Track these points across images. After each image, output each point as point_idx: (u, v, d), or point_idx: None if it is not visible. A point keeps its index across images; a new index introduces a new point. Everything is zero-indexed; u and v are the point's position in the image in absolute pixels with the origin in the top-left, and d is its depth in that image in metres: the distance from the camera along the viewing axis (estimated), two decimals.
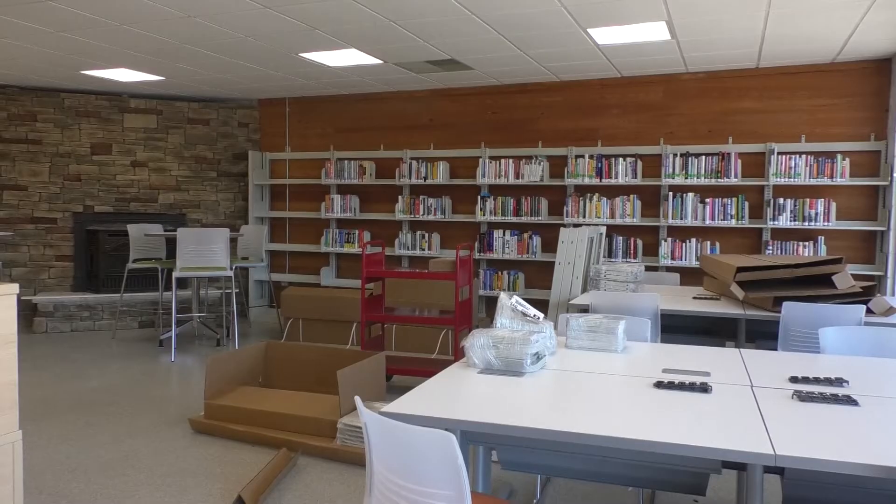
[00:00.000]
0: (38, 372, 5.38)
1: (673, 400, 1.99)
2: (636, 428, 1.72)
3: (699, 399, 2.00)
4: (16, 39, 5.36)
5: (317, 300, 6.51)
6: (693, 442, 1.62)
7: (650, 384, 2.17)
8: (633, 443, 1.65)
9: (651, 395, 2.05)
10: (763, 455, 1.55)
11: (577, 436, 1.70)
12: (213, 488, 3.19)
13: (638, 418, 1.80)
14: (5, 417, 1.82)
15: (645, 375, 2.30)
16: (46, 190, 7.49)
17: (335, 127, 7.83)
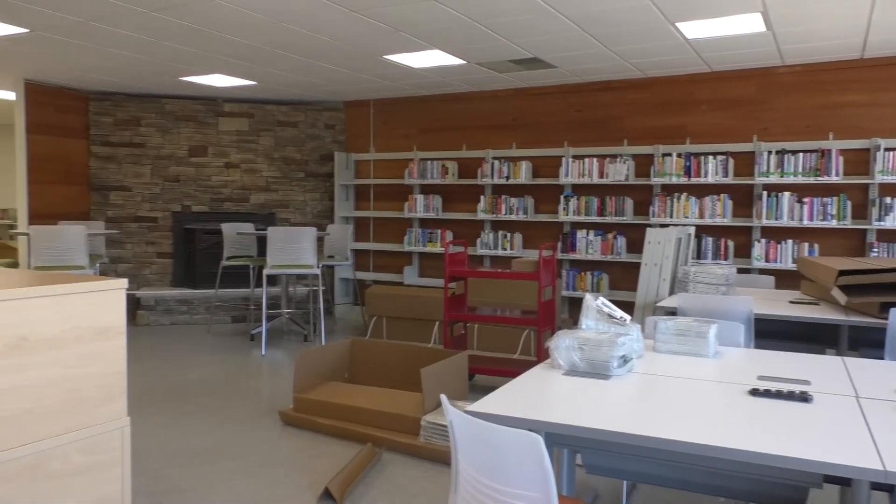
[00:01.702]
0: (141, 362, 5.70)
1: (770, 409, 1.90)
2: (730, 437, 1.66)
3: (799, 409, 1.91)
4: (123, 49, 5.69)
5: (400, 299, 6.60)
6: (793, 454, 1.55)
7: (745, 391, 2.09)
8: (727, 452, 1.59)
9: (746, 402, 1.97)
10: (871, 470, 1.46)
11: (667, 442, 1.66)
12: (302, 479, 3.29)
13: (732, 426, 1.74)
14: (115, 405, 1.94)
15: (739, 382, 2.21)
16: (149, 190, 7.92)
17: (418, 127, 7.92)
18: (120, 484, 1.95)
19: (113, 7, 4.51)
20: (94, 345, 1.87)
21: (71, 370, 1.82)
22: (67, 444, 1.80)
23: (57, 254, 5.67)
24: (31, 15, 4.71)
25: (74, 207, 7.71)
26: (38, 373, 1.74)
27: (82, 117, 7.75)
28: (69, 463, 1.81)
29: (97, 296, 1.87)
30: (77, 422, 1.83)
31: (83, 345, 1.85)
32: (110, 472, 1.92)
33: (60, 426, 1.79)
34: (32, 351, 1.73)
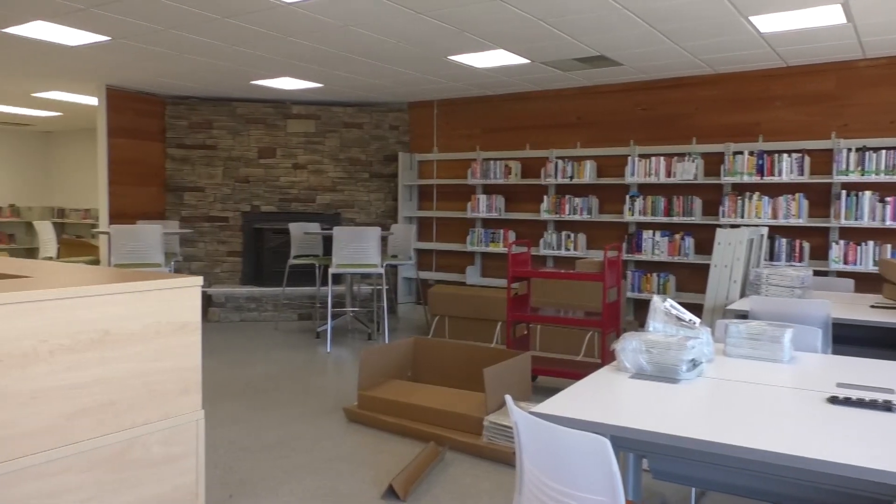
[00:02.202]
0: (212, 358, 5.90)
1: (851, 417, 1.82)
2: (808, 445, 1.60)
3: (882, 418, 1.82)
4: (198, 55, 5.91)
5: (462, 298, 6.62)
6: (876, 465, 1.48)
7: (823, 399, 2.01)
8: (804, 461, 1.54)
9: (824, 410, 1.89)
10: None
11: (739, 449, 1.61)
12: (366, 475, 3.34)
13: (809, 435, 1.67)
14: (190, 398, 2.02)
15: (816, 389, 2.13)
16: (220, 191, 8.19)
17: (481, 127, 7.92)
18: (195, 474, 2.02)
19: (189, 15, 4.68)
20: (172, 340, 1.95)
21: (150, 364, 1.90)
22: (147, 435, 1.89)
23: (135, 252, 5.93)
24: (113, 24, 4.94)
25: (151, 207, 8.04)
26: (121, 366, 1.83)
27: (159, 121, 8.08)
28: (149, 452, 1.89)
29: (175, 293, 1.95)
30: (156, 413, 1.91)
31: (161, 340, 1.93)
32: (186, 463, 1.99)
33: (141, 417, 1.87)
34: (115, 345, 1.81)
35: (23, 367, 1.61)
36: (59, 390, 1.69)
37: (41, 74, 6.94)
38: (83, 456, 1.74)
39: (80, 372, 1.73)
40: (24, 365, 1.61)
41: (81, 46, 5.62)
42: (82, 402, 1.74)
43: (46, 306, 1.65)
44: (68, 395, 1.71)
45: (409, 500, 3.07)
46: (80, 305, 1.72)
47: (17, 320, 1.59)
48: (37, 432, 1.64)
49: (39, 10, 4.63)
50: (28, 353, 1.62)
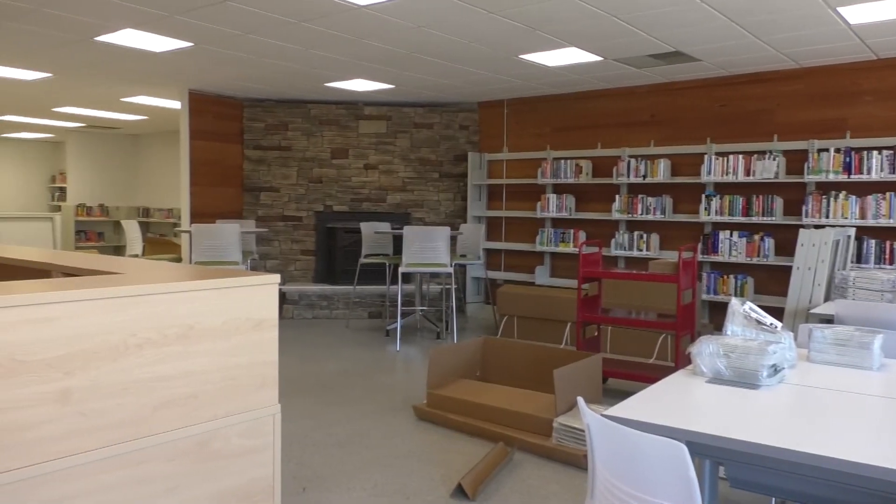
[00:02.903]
0: (286, 354, 6.06)
1: None
2: None
3: None
4: (275, 59, 6.08)
5: (532, 298, 6.58)
6: None
7: None
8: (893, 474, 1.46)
9: None
10: None
11: (823, 459, 1.54)
12: (435, 474, 3.36)
13: None
14: (268, 392, 2.08)
15: None
16: (294, 191, 8.41)
17: (552, 126, 7.84)
18: (271, 467, 2.08)
19: (267, 19, 4.82)
20: (250, 336, 2.02)
21: (230, 359, 1.97)
22: (227, 427, 1.95)
23: (214, 250, 6.15)
24: (195, 30, 5.14)
25: (229, 207, 8.33)
26: (203, 360, 1.90)
27: (237, 123, 8.35)
28: (228, 444, 1.96)
29: (254, 290, 2.01)
30: (235, 407, 1.98)
31: (240, 336, 1.99)
32: (263, 455, 2.06)
33: (221, 410, 1.94)
34: (198, 340, 1.88)
35: (114, 360, 1.70)
36: (146, 382, 1.77)
37: (129, 80, 7.29)
38: (168, 446, 1.82)
39: (166, 365, 1.81)
40: (114, 357, 1.70)
41: (166, 52, 5.87)
42: (167, 394, 1.82)
43: (136, 302, 1.73)
44: (155, 388, 1.79)
45: (478, 500, 3.07)
46: (167, 301, 1.80)
47: (110, 315, 1.68)
48: (126, 422, 1.73)
49: (129, 18, 4.87)
50: (119, 346, 1.71)
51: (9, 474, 1.51)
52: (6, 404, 1.51)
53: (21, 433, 1.53)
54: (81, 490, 1.65)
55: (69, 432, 1.61)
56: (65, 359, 1.61)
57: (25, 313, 1.53)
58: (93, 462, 1.66)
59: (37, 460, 1.56)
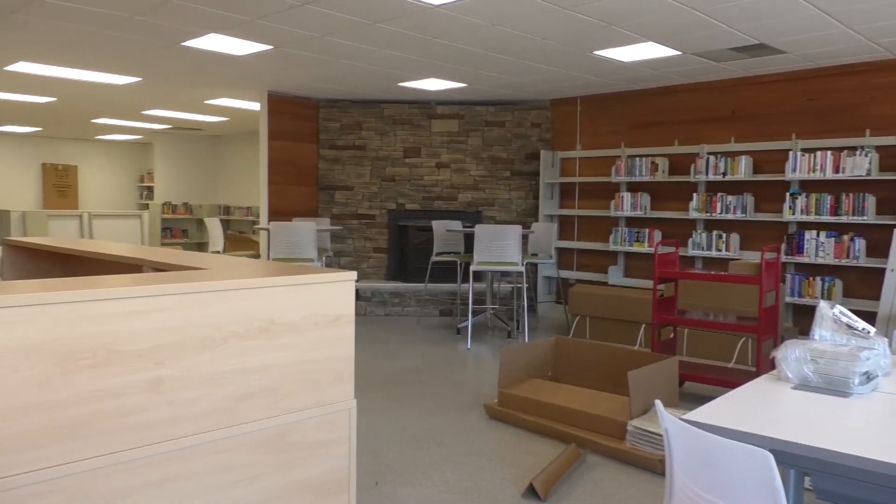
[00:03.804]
0: (358, 350, 6.18)
1: None
2: None
3: None
4: (350, 60, 6.20)
5: (604, 298, 6.47)
6: None
7: None
8: None
9: None
10: None
11: None
12: (506, 473, 3.35)
13: None
14: (344, 387, 2.12)
15: None
16: (368, 190, 8.55)
17: (627, 123, 7.69)
18: (347, 460, 2.13)
19: (344, 21, 4.92)
20: (328, 331, 2.06)
21: (308, 353, 2.02)
22: (305, 420, 2.01)
23: (290, 247, 6.32)
24: (275, 33, 5.29)
25: (305, 205, 8.54)
26: (282, 354, 1.96)
27: (313, 123, 8.55)
28: (306, 437, 2.01)
29: (331, 286, 2.06)
30: (313, 400, 2.03)
31: (318, 331, 2.04)
32: (339, 448, 2.10)
33: (299, 403, 2.00)
34: (278, 334, 1.94)
35: (200, 352, 1.77)
36: (230, 374, 1.84)
37: (212, 83, 7.58)
38: (249, 436, 1.89)
39: (249, 358, 1.87)
40: (201, 350, 1.77)
41: (247, 55, 6.07)
42: (249, 386, 1.88)
43: (222, 297, 1.80)
44: (238, 380, 1.85)
45: (550, 501, 3.05)
46: (251, 297, 1.86)
47: (198, 308, 1.75)
48: (211, 412, 1.80)
49: (213, 24, 5.06)
50: (205, 339, 1.78)
51: (108, 457, 1.60)
52: (104, 392, 1.59)
53: (118, 419, 1.61)
54: (173, 475, 1.72)
55: (160, 420, 1.69)
56: (156, 350, 1.68)
57: (122, 306, 1.62)
58: (182, 449, 1.74)
59: (133, 445, 1.64)
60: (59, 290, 1.55)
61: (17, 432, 1.46)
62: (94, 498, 1.59)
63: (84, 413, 1.56)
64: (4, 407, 1.44)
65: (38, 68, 6.81)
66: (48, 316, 1.50)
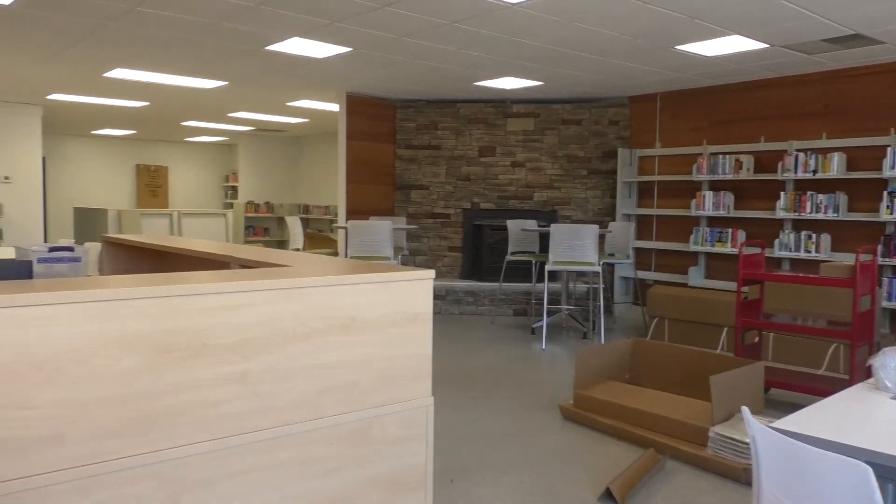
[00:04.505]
0: (434, 348, 6.22)
1: None
2: None
3: None
4: (427, 60, 6.25)
5: (685, 300, 6.29)
6: None
7: None
8: None
9: None
10: None
11: None
12: (582, 476, 3.31)
13: None
14: (422, 384, 2.14)
15: None
16: (443, 189, 8.60)
17: (709, 120, 7.44)
18: (424, 456, 2.15)
19: (421, 22, 4.97)
20: (406, 329, 2.09)
21: (388, 350, 2.05)
22: (384, 416, 2.04)
23: (368, 245, 6.43)
24: (354, 36, 5.40)
25: (382, 204, 8.67)
26: (363, 350, 1.99)
27: (390, 124, 8.67)
28: (385, 432, 2.04)
29: (410, 285, 2.08)
30: (391, 396, 2.06)
31: (397, 328, 2.07)
32: (417, 445, 2.13)
33: (379, 399, 2.03)
34: (359, 331, 1.98)
35: (284, 347, 1.82)
36: (312, 369, 1.88)
37: (293, 85, 7.80)
38: (330, 430, 1.93)
39: (330, 354, 1.92)
40: (285, 344, 1.83)
41: (327, 58, 6.21)
42: (330, 381, 1.93)
43: (305, 293, 1.85)
44: (319, 374, 1.90)
45: None
46: (332, 293, 1.91)
47: (281, 304, 1.81)
48: (294, 405, 1.85)
49: (296, 28, 5.20)
50: (288, 333, 1.83)
51: (198, 445, 1.67)
52: (195, 383, 1.67)
53: (208, 409, 1.69)
54: (259, 464, 1.79)
55: (247, 411, 1.76)
56: (243, 343, 1.75)
57: (213, 301, 1.69)
58: (267, 440, 1.80)
59: (221, 435, 1.71)
60: (155, 285, 1.63)
61: (117, 419, 1.55)
62: (185, 483, 1.66)
63: (178, 403, 1.64)
64: (107, 395, 1.53)
65: (134, 74, 7.18)
66: (146, 310, 1.59)
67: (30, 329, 1.43)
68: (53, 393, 1.46)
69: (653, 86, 7.44)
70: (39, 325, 1.44)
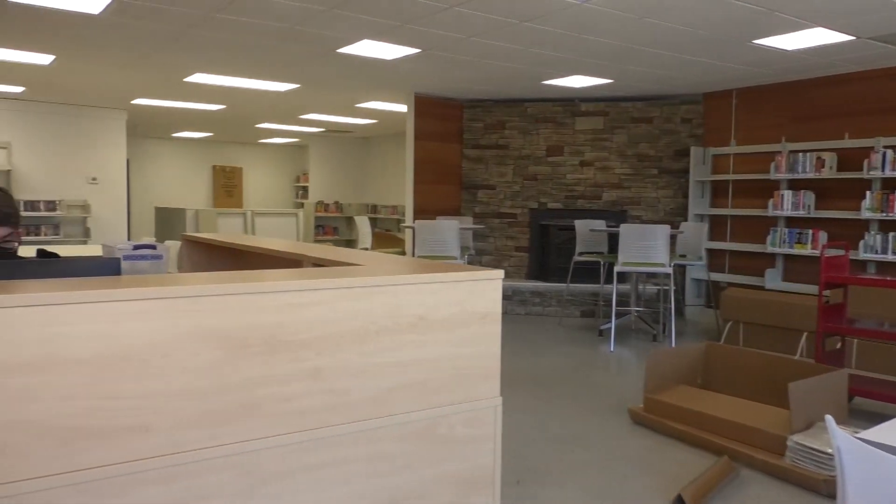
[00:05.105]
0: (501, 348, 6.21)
1: None
2: None
3: None
4: (495, 60, 6.24)
5: (761, 304, 6.07)
6: None
7: None
8: None
9: None
10: None
11: None
12: (652, 481, 3.24)
13: None
14: (490, 384, 2.14)
15: None
16: (510, 189, 8.57)
17: (788, 116, 7.16)
18: (492, 457, 2.15)
19: (490, 22, 4.96)
20: (475, 328, 2.09)
21: (456, 349, 2.06)
22: (452, 415, 2.05)
23: (434, 245, 6.47)
24: (423, 37, 5.44)
25: (448, 204, 8.71)
26: (432, 349, 2.01)
27: (457, 124, 8.70)
28: (453, 431, 2.05)
29: (479, 284, 2.08)
30: (460, 396, 2.07)
31: (466, 328, 2.07)
32: (485, 445, 2.12)
33: (447, 398, 2.04)
34: (428, 329, 1.99)
35: (355, 344, 1.85)
36: (383, 367, 1.91)
37: (363, 87, 7.92)
38: (399, 427, 1.95)
39: (400, 352, 1.94)
40: (356, 342, 1.86)
41: (396, 59, 6.28)
42: (400, 379, 1.95)
43: (376, 292, 1.88)
44: (389, 372, 1.92)
45: None
46: (402, 292, 1.93)
47: (354, 302, 1.84)
48: (365, 402, 1.88)
49: (366, 30, 5.28)
50: (360, 331, 1.86)
51: (273, 439, 1.72)
52: (271, 378, 1.72)
53: (282, 404, 1.73)
54: (330, 460, 1.83)
55: (320, 407, 1.80)
56: (316, 340, 1.79)
57: (289, 298, 1.73)
58: (338, 435, 1.83)
59: (294, 429, 1.76)
60: (235, 282, 1.68)
61: (197, 411, 1.61)
62: (260, 475, 1.72)
63: (254, 397, 1.69)
64: (189, 387, 1.59)
65: (212, 78, 7.45)
66: (225, 306, 1.64)
67: (120, 323, 1.50)
68: (140, 385, 1.53)
69: (728, 82, 7.21)
70: (129, 320, 1.51)
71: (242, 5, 4.65)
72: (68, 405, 1.44)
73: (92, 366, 1.47)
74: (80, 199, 10.14)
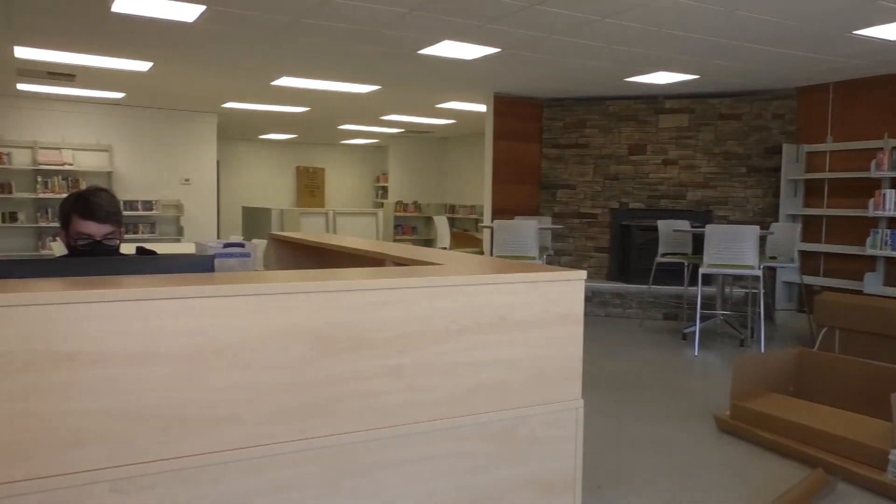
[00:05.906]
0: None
1: None
2: None
3: None
4: (576, 58, 6.16)
5: (861, 309, 5.73)
6: None
7: None
8: None
9: None
10: None
11: None
12: (740, 492, 3.12)
13: None
14: (572, 385, 2.12)
15: None
16: (590, 188, 8.44)
17: (891, 111, 6.74)
18: (573, 460, 2.12)
19: (571, 19, 4.90)
20: (557, 329, 2.07)
21: (537, 350, 2.04)
22: (533, 416, 2.04)
23: (513, 245, 6.45)
24: (503, 36, 5.43)
25: (527, 204, 8.66)
26: (513, 349, 2.00)
27: (537, 123, 8.64)
28: (534, 432, 2.04)
29: (561, 285, 2.06)
30: (541, 397, 2.05)
31: (548, 328, 2.05)
32: (566, 447, 2.10)
33: (528, 399, 2.03)
34: (508, 330, 1.99)
35: (436, 343, 1.87)
36: (463, 366, 1.92)
37: (442, 87, 7.98)
38: (480, 427, 1.96)
39: (481, 352, 1.94)
40: (437, 341, 1.87)
41: (476, 59, 6.30)
42: (481, 378, 1.95)
43: (457, 291, 1.89)
44: (470, 372, 1.93)
45: None
46: (483, 292, 1.93)
47: (435, 301, 1.86)
48: (446, 401, 1.89)
49: (447, 31, 5.32)
50: (441, 330, 1.88)
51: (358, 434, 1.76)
52: (356, 374, 1.75)
53: (366, 400, 1.77)
54: (411, 457, 1.85)
55: (401, 404, 1.82)
56: (398, 338, 1.81)
57: (373, 296, 1.76)
58: (420, 433, 1.85)
59: (377, 426, 1.79)
60: (321, 280, 1.73)
61: (285, 404, 1.66)
62: (344, 469, 1.75)
63: (339, 392, 1.73)
64: (277, 381, 1.65)
65: (297, 82, 7.67)
66: (313, 303, 1.69)
67: (213, 318, 1.56)
68: (231, 377, 1.59)
69: (824, 74, 6.86)
70: (222, 315, 1.58)
71: (327, 10, 4.77)
72: (168, 395, 1.51)
73: (189, 358, 1.54)
74: (174, 199, 10.65)
